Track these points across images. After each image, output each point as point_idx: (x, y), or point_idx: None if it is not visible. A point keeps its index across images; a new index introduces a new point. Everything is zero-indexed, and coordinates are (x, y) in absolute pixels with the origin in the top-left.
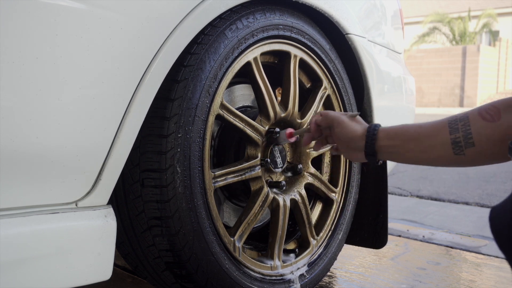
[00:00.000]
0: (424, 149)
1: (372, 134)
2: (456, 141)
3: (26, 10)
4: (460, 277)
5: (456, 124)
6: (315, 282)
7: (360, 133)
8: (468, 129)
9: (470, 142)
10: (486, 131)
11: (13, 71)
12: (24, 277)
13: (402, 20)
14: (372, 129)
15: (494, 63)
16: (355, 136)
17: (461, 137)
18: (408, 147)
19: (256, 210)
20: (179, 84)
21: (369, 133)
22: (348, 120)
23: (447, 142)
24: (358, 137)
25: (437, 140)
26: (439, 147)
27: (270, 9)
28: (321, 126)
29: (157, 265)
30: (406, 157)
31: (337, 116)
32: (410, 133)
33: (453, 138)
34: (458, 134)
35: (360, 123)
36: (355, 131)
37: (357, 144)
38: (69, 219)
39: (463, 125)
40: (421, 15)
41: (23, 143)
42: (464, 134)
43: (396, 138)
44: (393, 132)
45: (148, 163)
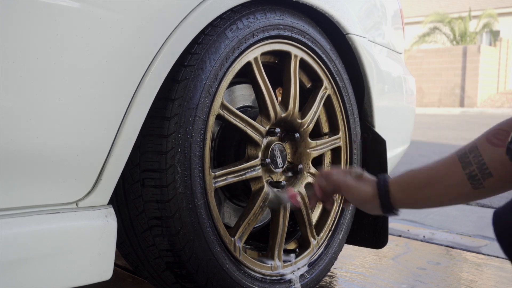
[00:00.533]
0: (442, 192)
1: (384, 192)
2: (472, 175)
3: (26, 10)
4: (460, 277)
5: (467, 157)
6: (316, 282)
7: (371, 194)
8: (481, 160)
9: (487, 172)
10: (500, 158)
11: (13, 71)
12: (24, 277)
13: (402, 20)
14: (383, 186)
15: (494, 63)
16: (367, 199)
17: (476, 170)
18: (424, 194)
19: (257, 210)
20: (179, 84)
21: (381, 192)
22: (355, 183)
23: (463, 178)
24: (370, 198)
25: (452, 179)
26: (456, 186)
27: (270, 9)
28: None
29: (157, 265)
30: (426, 204)
31: (341, 180)
32: (422, 180)
33: (468, 173)
34: (472, 167)
35: (367, 181)
36: (365, 193)
37: (372, 205)
38: (70, 219)
39: (474, 157)
40: (422, 15)
41: (23, 143)
42: (478, 166)
43: (408, 188)
44: (405, 183)
45: (149, 163)
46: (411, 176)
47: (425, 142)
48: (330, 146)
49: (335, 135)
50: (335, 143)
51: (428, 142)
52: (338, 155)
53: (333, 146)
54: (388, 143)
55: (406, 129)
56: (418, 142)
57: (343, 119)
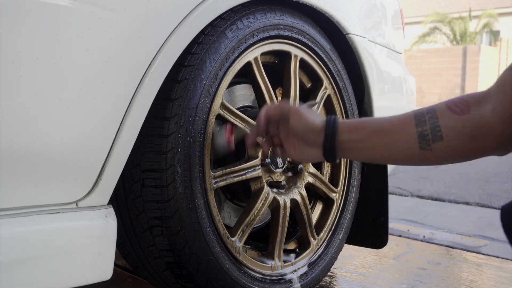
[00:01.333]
0: (388, 144)
1: (332, 126)
2: (423, 134)
3: (26, 10)
4: (460, 277)
5: (423, 116)
6: (316, 282)
7: (318, 125)
8: (436, 121)
9: (438, 135)
10: (455, 124)
11: (13, 71)
12: (24, 277)
13: (402, 20)
14: (332, 121)
15: (494, 63)
16: (313, 129)
17: (428, 129)
18: (370, 141)
19: (257, 210)
20: (179, 84)
21: (329, 126)
22: (305, 110)
23: (413, 135)
24: (316, 130)
25: (402, 134)
26: (404, 141)
27: (270, 9)
28: (271, 119)
29: (157, 265)
30: (367, 153)
31: (292, 106)
32: (373, 126)
33: (420, 131)
34: (426, 127)
35: (318, 115)
36: (314, 122)
37: (314, 138)
38: (70, 219)
39: (430, 118)
40: (422, 15)
41: (23, 143)
42: (432, 127)
43: (357, 131)
44: (354, 125)
45: (149, 163)
46: (363, 121)
47: None
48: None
49: None
50: None
51: None
52: None
53: None
54: None
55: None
56: None
57: (343, 119)
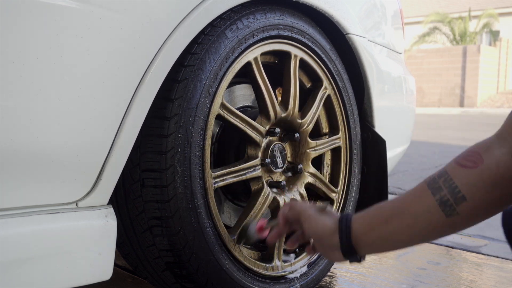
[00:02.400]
0: (410, 224)
1: (345, 226)
2: (443, 201)
3: (26, 10)
4: (460, 277)
5: (436, 182)
6: (316, 282)
7: (331, 227)
8: (452, 183)
9: (460, 196)
10: (473, 179)
11: (13, 71)
12: (24, 277)
13: (402, 20)
14: (345, 220)
15: (494, 63)
16: (326, 232)
17: (447, 194)
18: (391, 228)
19: (257, 210)
20: (179, 84)
21: (342, 225)
22: (316, 214)
23: (433, 205)
24: (329, 232)
25: (421, 207)
26: (426, 214)
27: (270, 9)
28: (289, 220)
29: (157, 265)
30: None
31: (303, 209)
32: (388, 211)
33: (439, 198)
34: (443, 192)
35: (330, 215)
36: (325, 225)
37: (331, 241)
38: (70, 219)
39: (444, 181)
40: (422, 15)
41: (23, 143)
42: (450, 190)
43: (373, 223)
44: (369, 217)
45: (149, 163)
46: (376, 209)
47: (425, 142)
48: (330, 146)
49: (335, 135)
50: (335, 143)
51: (428, 142)
52: (338, 155)
53: (333, 146)
54: (388, 143)
55: (406, 129)
56: (418, 142)
57: (343, 119)
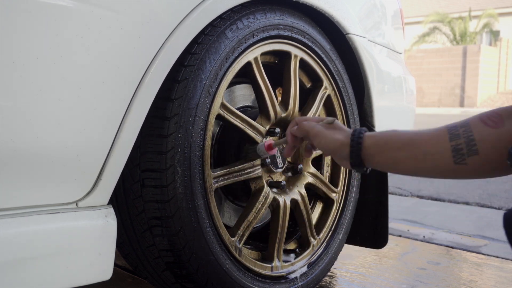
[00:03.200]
0: (420, 158)
1: (357, 142)
2: (457, 148)
3: (26, 10)
4: (460, 277)
5: (457, 130)
6: (316, 282)
7: (342, 141)
8: (471, 135)
9: (474, 149)
10: (490, 138)
11: (13, 71)
12: (24, 277)
13: (402, 20)
14: (357, 136)
15: (494, 63)
16: (337, 146)
17: (463, 143)
18: (400, 155)
19: (257, 210)
20: (179, 84)
21: (354, 141)
22: (325, 129)
23: (447, 149)
24: (340, 146)
25: (435, 147)
26: (437, 155)
27: (270, 9)
28: (298, 137)
29: (157, 265)
30: (398, 166)
31: (310, 127)
32: (403, 140)
33: (454, 145)
34: (460, 140)
35: (340, 129)
36: (336, 140)
37: (342, 153)
38: (70, 219)
39: (464, 131)
40: (422, 15)
41: (23, 143)
42: (467, 140)
43: (386, 145)
44: (383, 139)
45: (149, 163)
46: (392, 134)
47: None
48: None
49: None
50: None
51: None
52: None
53: None
54: None
55: (406, 129)
56: None
57: (343, 119)
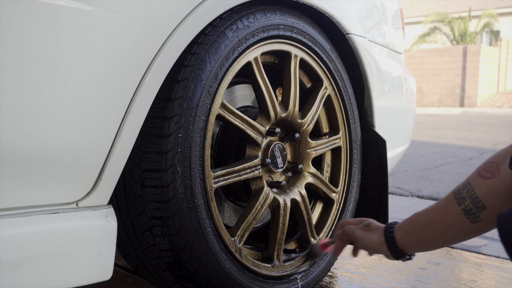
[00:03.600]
0: (443, 230)
1: (390, 238)
2: (467, 210)
3: (26, 10)
4: (460, 277)
5: (461, 193)
6: (316, 282)
7: (378, 241)
8: (473, 194)
9: (480, 205)
10: (491, 189)
11: (13, 71)
12: (24, 277)
13: (402, 20)
14: (389, 233)
15: (494, 63)
16: (375, 246)
17: (470, 204)
18: (427, 235)
19: (257, 210)
20: (179, 84)
21: (387, 239)
22: (363, 233)
23: (460, 214)
24: (378, 246)
25: (450, 217)
26: (455, 222)
27: (270, 9)
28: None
29: (157, 265)
30: (431, 244)
31: (351, 232)
32: (424, 221)
33: (463, 208)
34: (466, 202)
35: (375, 229)
36: (372, 241)
37: (381, 251)
38: (70, 219)
39: (467, 192)
40: (422, 15)
41: (23, 143)
42: (472, 200)
43: (412, 232)
44: (408, 227)
45: (149, 163)
46: (414, 219)
47: (425, 142)
48: (330, 146)
49: (335, 135)
50: (335, 143)
51: (428, 142)
52: (338, 155)
53: (333, 146)
54: (388, 143)
55: (406, 129)
56: (418, 142)
57: (343, 119)
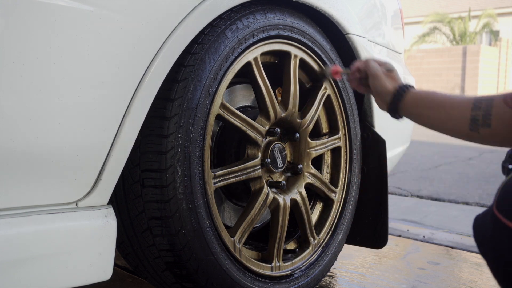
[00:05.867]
0: (443, 119)
1: (399, 94)
2: (475, 119)
3: (26, 10)
4: (460, 277)
5: (480, 102)
6: (315, 282)
7: (389, 90)
8: (489, 110)
9: (487, 123)
10: (505, 116)
11: (13, 71)
12: (24, 277)
13: (402, 20)
14: (402, 90)
15: (494, 63)
16: (384, 91)
17: (480, 116)
18: (429, 113)
19: (256, 210)
20: (179, 84)
21: (397, 94)
22: (383, 75)
23: (466, 118)
24: (387, 93)
25: (458, 112)
26: (457, 120)
27: (270, 9)
28: (360, 70)
29: (157, 265)
30: (424, 121)
31: (373, 67)
32: (436, 101)
33: (473, 115)
34: (479, 112)
35: (393, 79)
36: (386, 87)
37: (384, 98)
38: (70, 219)
39: (486, 106)
40: (421, 15)
41: (23, 143)
42: (484, 113)
43: (421, 104)
44: (420, 98)
45: (149, 163)
46: (429, 95)
47: (425, 142)
48: (330, 146)
49: (335, 135)
50: (335, 143)
51: (428, 142)
52: (338, 155)
53: (333, 146)
54: (388, 143)
55: (406, 129)
56: (418, 142)
57: (343, 119)
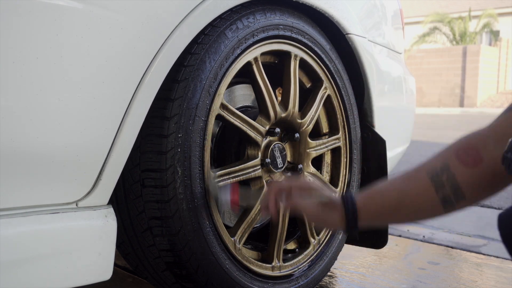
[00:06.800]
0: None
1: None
2: (446, 199)
3: (26, 10)
4: (460, 277)
5: (439, 177)
6: (315, 282)
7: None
8: (455, 182)
9: (460, 195)
10: (473, 180)
11: (13, 71)
12: (24, 277)
13: (402, 20)
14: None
15: (494, 63)
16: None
17: (449, 193)
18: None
19: (257, 210)
20: (179, 84)
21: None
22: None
23: (435, 200)
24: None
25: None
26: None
27: (270, 9)
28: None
29: (157, 265)
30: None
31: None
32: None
33: (442, 197)
34: (446, 191)
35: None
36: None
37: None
38: (70, 219)
39: (447, 179)
40: (421, 15)
41: (23, 143)
42: (452, 189)
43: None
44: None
45: (149, 163)
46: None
47: (425, 142)
48: (330, 146)
49: (335, 135)
50: (335, 143)
51: (428, 142)
52: (338, 155)
53: (333, 146)
54: (388, 143)
55: (406, 129)
56: (418, 142)
57: (343, 119)
